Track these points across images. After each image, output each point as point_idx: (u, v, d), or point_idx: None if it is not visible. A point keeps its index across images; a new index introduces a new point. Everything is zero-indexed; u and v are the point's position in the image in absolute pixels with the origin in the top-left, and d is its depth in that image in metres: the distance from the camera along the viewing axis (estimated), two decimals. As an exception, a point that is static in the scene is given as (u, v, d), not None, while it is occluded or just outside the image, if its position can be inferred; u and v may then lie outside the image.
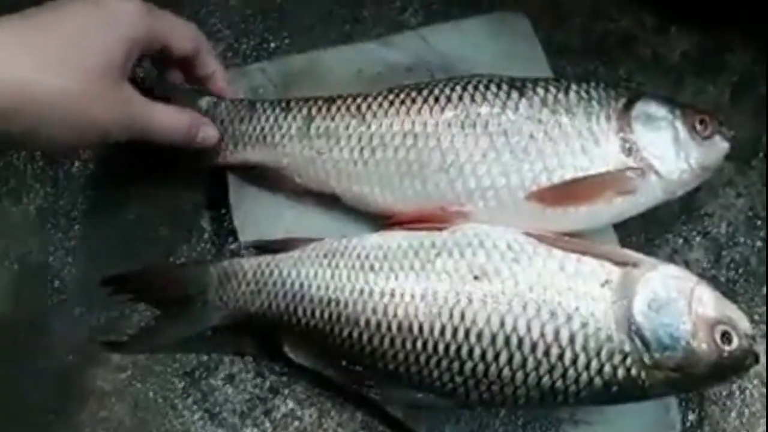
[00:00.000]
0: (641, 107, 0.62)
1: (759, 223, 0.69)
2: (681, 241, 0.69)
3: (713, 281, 0.66)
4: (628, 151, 0.61)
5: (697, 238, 0.69)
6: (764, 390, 0.63)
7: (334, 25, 0.76)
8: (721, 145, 0.63)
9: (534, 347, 0.54)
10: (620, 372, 0.54)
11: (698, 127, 0.62)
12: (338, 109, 0.64)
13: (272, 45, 0.76)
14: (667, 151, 0.61)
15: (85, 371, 0.64)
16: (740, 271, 0.67)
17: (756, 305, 0.66)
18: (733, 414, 0.63)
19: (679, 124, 0.62)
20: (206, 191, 0.69)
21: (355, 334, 0.58)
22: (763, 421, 0.63)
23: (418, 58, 0.72)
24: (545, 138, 0.60)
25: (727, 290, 0.66)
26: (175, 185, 0.69)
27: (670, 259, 0.67)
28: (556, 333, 0.54)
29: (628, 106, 0.62)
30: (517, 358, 0.54)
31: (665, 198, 0.62)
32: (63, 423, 0.63)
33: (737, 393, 0.63)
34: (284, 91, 0.70)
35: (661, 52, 0.75)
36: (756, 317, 0.65)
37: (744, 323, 0.56)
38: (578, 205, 0.60)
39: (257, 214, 0.66)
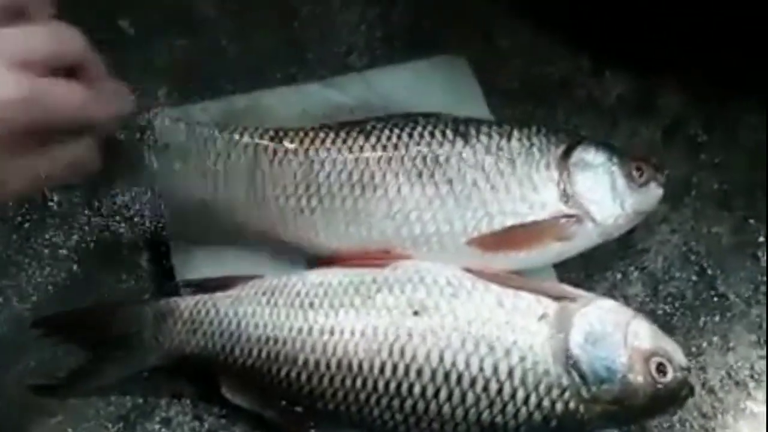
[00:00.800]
0: (579, 154, 0.64)
1: (693, 257, 0.71)
2: (619, 276, 0.70)
3: (651, 315, 0.67)
4: (566, 198, 0.62)
5: (635, 273, 0.70)
6: (703, 421, 0.64)
7: (279, 67, 0.77)
8: (655, 192, 0.65)
9: (473, 382, 0.54)
10: (558, 406, 0.54)
11: (635, 174, 0.64)
12: (285, 153, 0.63)
13: (216, 86, 0.76)
14: (604, 197, 0.63)
15: (13, 417, 0.61)
16: (677, 304, 0.69)
17: (692, 337, 0.67)
18: (675, 447, 0.63)
19: (616, 171, 0.64)
20: (144, 229, 0.68)
21: (294, 373, 0.57)
22: (703, 454, 0.64)
23: (361, 100, 0.73)
24: (487, 185, 0.62)
25: (665, 323, 0.67)
26: (113, 222, 0.67)
27: (609, 293, 0.68)
28: (495, 367, 0.54)
29: (568, 152, 0.64)
30: (457, 393, 0.54)
31: (601, 240, 0.64)
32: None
33: (677, 426, 0.63)
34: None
35: (597, 94, 0.78)
36: (693, 349, 0.66)
37: (679, 355, 0.57)
38: (517, 251, 0.61)
39: (196, 252, 0.66)
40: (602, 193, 0.63)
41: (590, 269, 0.70)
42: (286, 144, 0.64)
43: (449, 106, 0.69)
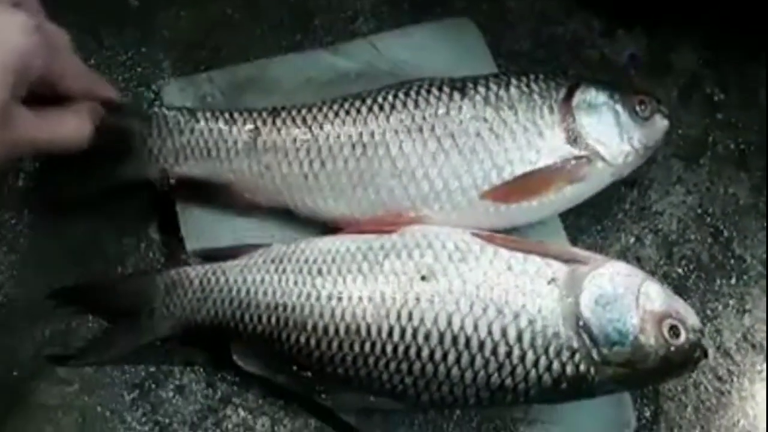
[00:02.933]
0: (581, 95, 0.63)
1: (708, 219, 0.70)
2: (633, 239, 0.69)
3: (665, 278, 0.66)
4: (574, 141, 0.62)
5: (649, 236, 0.69)
6: (719, 384, 0.63)
7: (285, 34, 0.76)
8: (661, 123, 0.64)
9: (482, 346, 0.54)
10: (569, 369, 0.54)
11: (638, 108, 0.63)
12: (284, 121, 0.63)
13: (222, 55, 0.75)
14: (611, 135, 0.62)
15: (30, 386, 0.62)
16: (691, 267, 0.68)
17: (708, 300, 0.66)
18: (689, 409, 0.63)
19: (619, 108, 0.63)
20: (153, 199, 0.68)
21: (303, 339, 0.57)
22: (718, 416, 0.63)
23: (368, 65, 0.72)
24: (491, 136, 0.61)
25: (679, 286, 0.66)
26: (122, 194, 0.67)
27: (623, 257, 0.67)
28: (504, 331, 0.54)
29: (569, 95, 0.63)
30: (465, 357, 0.54)
31: (613, 180, 0.63)
32: (8, 441, 0.61)
33: (692, 388, 0.63)
34: (232, 99, 0.70)
35: (609, 54, 0.76)
36: (708, 312, 0.66)
37: (692, 317, 0.56)
38: (531, 199, 0.60)
39: (204, 222, 0.65)
40: (609, 131, 0.62)
41: (603, 232, 0.69)
42: (284, 114, 0.64)
43: (457, 70, 0.67)
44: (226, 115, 0.64)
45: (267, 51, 0.75)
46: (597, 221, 0.69)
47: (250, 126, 0.63)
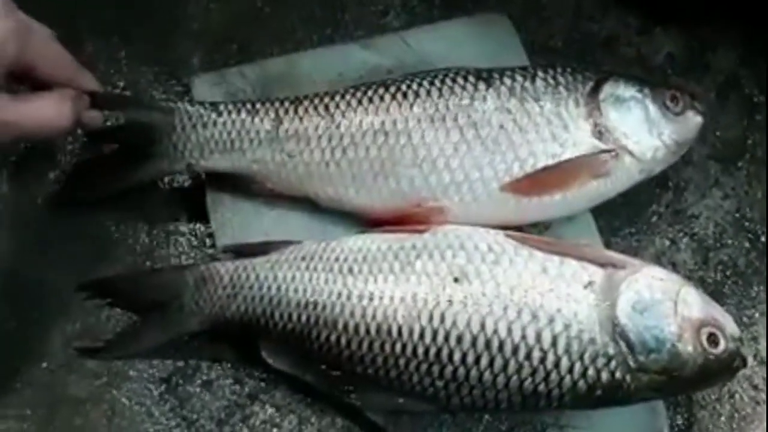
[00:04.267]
0: (609, 89, 0.62)
1: (746, 224, 0.68)
2: (668, 242, 0.68)
3: (700, 283, 0.65)
4: (600, 134, 0.60)
5: (684, 240, 0.68)
6: (754, 393, 0.62)
7: (316, 28, 0.76)
8: (694, 120, 0.63)
9: (515, 350, 0.53)
10: (604, 375, 0.53)
11: (669, 103, 0.62)
12: (306, 110, 0.63)
13: (253, 49, 0.75)
14: (639, 130, 0.61)
15: (60, 378, 0.63)
16: (728, 272, 0.66)
17: (744, 307, 0.65)
18: (723, 418, 0.62)
19: (649, 103, 0.62)
20: (184, 194, 0.68)
21: (334, 338, 0.56)
22: (753, 425, 0.62)
23: (398, 60, 0.71)
24: (515, 127, 0.60)
25: (715, 292, 0.65)
26: (153, 188, 0.67)
27: (657, 260, 0.66)
28: (538, 335, 0.53)
29: (596, 88, 0.62)
30: (498, 361, 0.53)
31: (642, 178, 0.62)
32: (38, 431, 0.62)
33: (726, 397, 0.62)
34: (262, 94, 0.69)
35: (645, 52, 0.75)
36: (745, 319, 0.64)
37: (731, 325, 0.55)
38: (553, 193, 0.60)
39: (235, 218, 0.65)
40: (637, 126, 0.61)
41: (638, 234, 0.68)
42: (306, 103, 0.63)
43: (490, 65, 0.66)
44: (248, 106, 0.64)
45: (297, 45, 0.74)
46: (631, 223, 0.68)
47: (272, 115, 0.63)
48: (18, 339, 0.63)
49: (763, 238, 0.67)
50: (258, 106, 0.64)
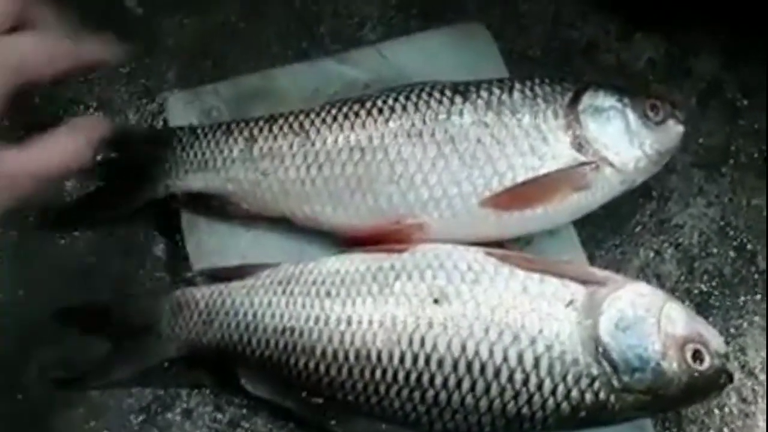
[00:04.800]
0: (588, 100, 0.61)
1: (731, 232, 0.67)
2: (652, 254, 0.67)
3: (686, 294, 0.64)
4: (579, 146, 0.59)
5: (669, 250, 0.67)
6: (743, 406, 0.61)
7: (291, 43, 0.74)
8: (675, 129, 0.62)
9: (497, 372, 0.52)
10: (588, 396, 0.52)
11: (649, 113, 0.61)
12: (281, 128, 0.62)
13: (227, 65, 0.74)
14: (620, 141, 0.60)
15: (36, 410, 0.61)
16: (714, 282, 0.65)
17: (732, 317, 0.64)
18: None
19: (629, 112, 0.61)
20: (158, 218, 0.66)
21: (312, 365, 0.55)
22: (742, 438, 0.61)
23: (375, 74, 0.70)
24: (493, 141, 0.59)
25: (702, 302, 0.64)
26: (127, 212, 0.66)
27: (642, 272, 0.65)
28: (520, 357, 0.52)
29: (575, 99, 0.61)
30: (480, 384, 0.52)
31: (624, 189, 0.61)
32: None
33: (716, 410, 0.61)
34: (238, 112, 0.68)
35: (626, 58, 0.74)
36: (732, 330, 0.63)
37: (716, 340, 0.54)
38: (534, 207, 0.59)
39: (211, 241, 0.64)
40: (617, 136, 0.60)
41: (622, 246, 0.67)
42: (281, 121, 0.62)
43: (468, 77, 0.65)
44: (223, 127, 0.63)
45: (273, 59, 0.73)
46: (615, 234, 0.67)
47: (246, 134, 0.62)
48: (-8, 371, 0.62)
49: (749, 246, 0.66)
50: (232, 125, 0.64)
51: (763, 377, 0.62)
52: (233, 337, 0.58)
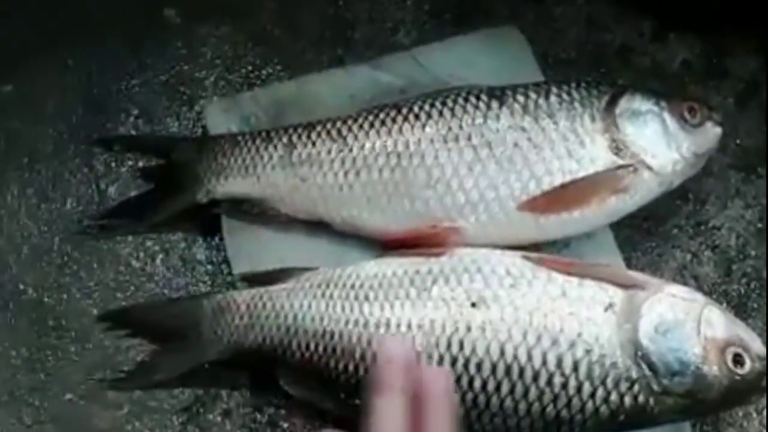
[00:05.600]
0: (625, 103, 0.61)
1: (769, 234, 0.67)
2: (690, 256, 0.66)
3: (724, 296, 0.64)
4: (617, 149, 0.60)
5: (706, 252, 0.66)
6: (783, 410, 0.61)
7: (326, 49, 0.75)
8: (713, 132, 0.62)
9: (536, 376, 0.52)
10: (627, 400, 0.52)
11: (687, 116, 0.61)
12: (319, 134, 0.63)
13: (264, 72, 0.75)
14: (657, 144, 0.60)
15: (81, 410, 0.63)
16: (752, 285, 0.65)
17: (771, 320, 0.63)
18: (750, 436, 0.60)
19: (666, 116, 0.61)
20: (200, 222, 0.68)
21: (351, 367, 0.56)
22: (782, 442, 0.60)
23: (410, 79, 0.70)
24: (530, 145, 0.59)
25: (740, 305, 0.64)
26: (169, 216, 0.67)
27: (679, 274, 0.65)
28: (559, 361, 0.52)
29: (612, 103, 0.61)
30: (519, 388, 0.52)
31: (662, 191, 0.61)
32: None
33: (754, 414, 0.60)
34: (275, 119, 0.69)
35: (660, 60, 0.73)
36: (771, 333, 0.63)
37: (756, 344, 0.53)
38: (571, 210, 0.59)
39: (251, 245, 0.65)
40: (654, 139, 0.60)
41: (659, 248, 0.67)
42: (319, 128, 0.64)
43: (503, 80, 0.66)
44: (263, 134, 0.65)
45: (308, 66, 0.74)
46: (651, 237, 0.67)
47: (285, 141, 0.64)
48: (40, 372, 0.64)
49: (788, 249, 0.66)
50: (272, 132, 0.65)
51: (803, 381, 0.61)
52: (274, 339, 0.59)
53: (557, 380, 0.52)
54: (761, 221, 0.67)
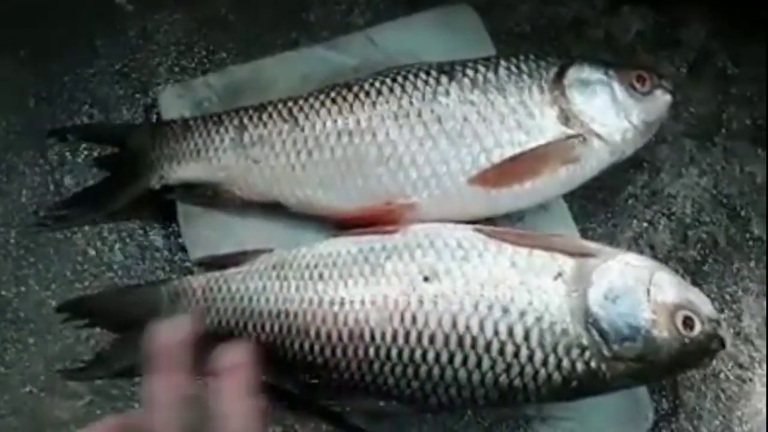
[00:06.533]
0: (574, 74, 0.61)
1: (724, 200, 0.67)
2: (645, 224, 0.67)
3: (680, 263, 0.64)
4: (566, 120, 0.60)
5: (662, 221, 0.67)
6: (739, 372, 0.61)
7: (281, 32, 0.75)
8: (663, 99, 0.62)
9: (488, 346, 0.52)
10: (579, 366, 0.52)
11: (636, 84, 0.61)
12: (270, 115, 0.63)
13: (218, 58, 0.74)
14: (607, 113, 0.60)
15: (42, 401, 0.63)
16: (708, 250, 0.65)
17: (726, 285, 0.64)
18: (709, 399, 0.61)
19: (615, 85, 0.61)
20: (156, 209, 0.67)
21: (307, 346, 0.56)
22: (740, 404, 0.61)
23: (364, 58, 0.70)
24: (479, 119, 0.59)
25: (696, 271, 0.64)
26: (125, 205, 0.67)
27: (635, 243, 0.65)
28: (510, 330, 0.52)
29: (561, 74, 0.61)
30: (472, 358, 0.53)
31: (614, 160, 0.61)
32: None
33: (712, 377, 0.61)
34: (229, 103, 0.69)
35: (614, 32, 0.74)
36: (727, 297, 0.63)
37: (707, 306, 0.54)
38: (522, 182, 0.59)
39: (207, 230, 0.65)
40: (603, 108, 0.60)
41: (614, 218, 0.67)
42: (270, 108, 0.63)
43: (457, 57, 0.65)
44: (214, 117, 0.65)
45: (264, 50, 0.74)
46: (607, 207, 0.67)
47: (236, 122, 0.64)
48: (-1, 365, 0.64)
49: (743, 213, 0.66)
50: (223, 115, 0.65)
51: (759, 343, 0.62)
52: (231, 322, 0.59)
53: (509, 349, 0.52)
54: (716, 188, 0.68)
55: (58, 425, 0.62)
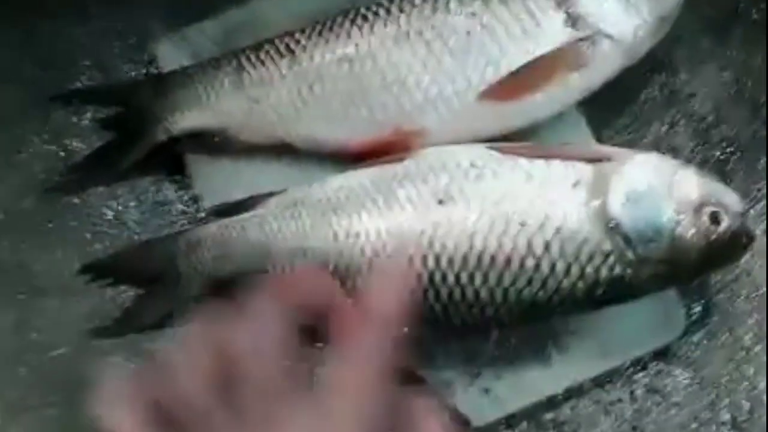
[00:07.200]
0: None
1: (746, 94, 0.64)
2: (665, 127, 0.64)
3: (704, 163, 0.62)
4: (573, 22, 0.57)
5: (682, 121, 0.64)
6: (773, 268, 0.59)
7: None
8: None
9: (508, 261, 0.51)
10: (603, 273, 0.51)
11: None
12: (267, 53, 0.62)
13: (213, 4, 0.72)
14: (615, 10, 0.57)
15: (75, 362, 0.64)
16: (731, 148, 0.63)
17: (753, 181, 0.62)
18: (741, 299, 0.59)
19: None
20: (168, 162, 0.67)
21: (327, 281, 0.56)
22: (774, 300, 0.59)
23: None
24: (483, 31, 0.57)
25: (720, 170, 0.62)
26: (136, 163, 0.67)
27: (656, 147, 0.63)
28: (529, 243, 0.51)
29: None
30: (492, 276, 0.52)
31: (627, 62, 0.58)
32: (66, 416, 0.63)
33: (744, 276, 0.59)
34: (227, 48, 0.67)
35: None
36: (754, 194, 0.61)
37: (733, 201, 0.52)
38: (533, 93, 0.57)
39: (217, 178, 0.64)
40: (612, 6, 0.57)
41: (633, 124, 0.65)
42: (267, 46, 0.62)
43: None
44: (213, 62, 0.63)
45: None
46: (624, 113, 0.65)
47: (234, 64, 0.62)
48: (28, 332, 0.65)
49: (766, 107, 0.63)
50: (221, 59, 0.64)
51: (791, 238, 0.60)
52: (248, 267, 0.59)
53: (530, 263, 0.51)
54: (737, 82, 0.65)
55: (93, 385, 0.63)
